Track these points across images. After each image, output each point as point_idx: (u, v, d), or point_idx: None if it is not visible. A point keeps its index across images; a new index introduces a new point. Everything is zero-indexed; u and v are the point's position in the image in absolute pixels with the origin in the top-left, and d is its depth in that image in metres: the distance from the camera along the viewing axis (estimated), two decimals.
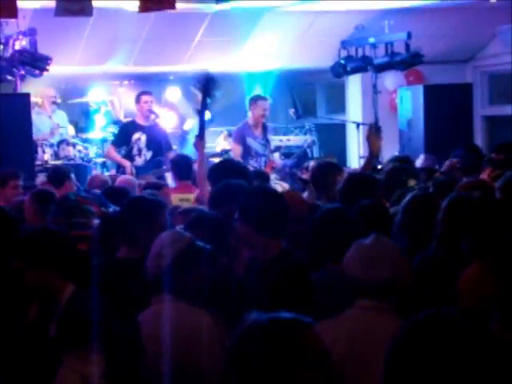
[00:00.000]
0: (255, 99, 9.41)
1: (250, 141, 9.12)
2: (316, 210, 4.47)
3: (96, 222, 4.43)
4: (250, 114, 9.37)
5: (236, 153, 9.14)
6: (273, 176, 8.49)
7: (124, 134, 9.58)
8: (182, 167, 7.14)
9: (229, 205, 4.15)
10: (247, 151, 9.10)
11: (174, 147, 10.10)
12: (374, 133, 6.39)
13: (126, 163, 9.24)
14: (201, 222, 4.04)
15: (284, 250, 3.84)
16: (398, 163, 6.84)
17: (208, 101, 5.50)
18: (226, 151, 10.65)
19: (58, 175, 7.40)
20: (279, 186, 7.72)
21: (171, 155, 8.82)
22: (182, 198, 6.35)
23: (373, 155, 6.35)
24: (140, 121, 9.54)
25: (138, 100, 9.59)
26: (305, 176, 7.52)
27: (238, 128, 9.35)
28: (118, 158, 9.43)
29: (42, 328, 3.24)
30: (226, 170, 5.16)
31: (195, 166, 6.44)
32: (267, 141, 9.33)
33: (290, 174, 7.79)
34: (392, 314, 3.14)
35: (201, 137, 5.59)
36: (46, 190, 6.27)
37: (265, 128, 9.36)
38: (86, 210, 4.50)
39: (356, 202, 4.56)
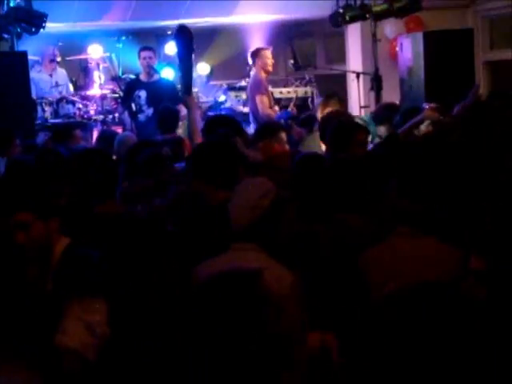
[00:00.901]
0: (257, 51, 9.30)
1: (270, 91, 9.11)
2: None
3: None
4: (256, 68, 9.20)
5: (265, 104, 9.01)
6: None
7: (127, 91, 9.58)
8: (168, 120, 7.12)
9: None
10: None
11: None
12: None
13: (126, 120, 9.26)
14: None
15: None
16: (387, 112, 6.87)
17: (186, 53, 5.45)
18: (222, 102, 10.63)
19: (61, 132, 7.43)
20: None
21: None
22: None
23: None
24: (142, 77, 9.52)
25: (138, 56, 9.58)
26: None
27: (257, 80, 9.19)
28: (123, 116, 9.50)
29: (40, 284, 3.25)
30: (219, 124, 5.20)
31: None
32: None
33: (285, 125, 7.75)
34: (430, 239, 3.46)
35: (188, 92, 5.56)
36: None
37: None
38: None
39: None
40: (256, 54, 9.24)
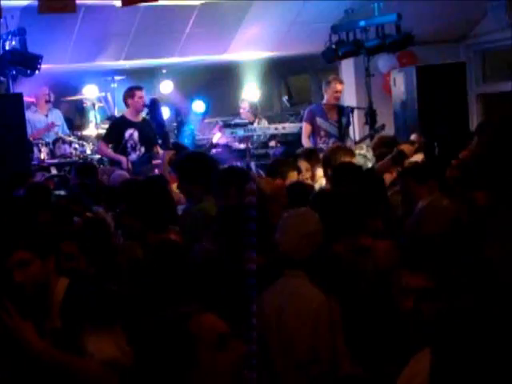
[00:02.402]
0: (328, 81, 9.67)
1: (320, 121, 9.44)
2: None
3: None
4: (325, 95, 9.66)
5: (305, 132, 9.51)
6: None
7: (116, 130, 9.51)
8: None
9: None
10: (316, 131, 9.41)
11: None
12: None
13: (122, 158, 9.21)
14: None
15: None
16: (384, 149, 6.86)
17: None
18: (215, 145, 10.68)
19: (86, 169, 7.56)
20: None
21: (158, 149, 9.31)
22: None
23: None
24: (131, 117, 9.48)
25: (131, 95, 9.50)
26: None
27: (310, 108, 9.77)
28: (112, 153, 9.40)
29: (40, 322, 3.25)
30: (192, 163, 5.35)
31: None
32: (342, 123, 9.51)
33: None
34: None
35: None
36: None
37: (341, 110, 9.56)
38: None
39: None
40: (326, 83, 9.66)
